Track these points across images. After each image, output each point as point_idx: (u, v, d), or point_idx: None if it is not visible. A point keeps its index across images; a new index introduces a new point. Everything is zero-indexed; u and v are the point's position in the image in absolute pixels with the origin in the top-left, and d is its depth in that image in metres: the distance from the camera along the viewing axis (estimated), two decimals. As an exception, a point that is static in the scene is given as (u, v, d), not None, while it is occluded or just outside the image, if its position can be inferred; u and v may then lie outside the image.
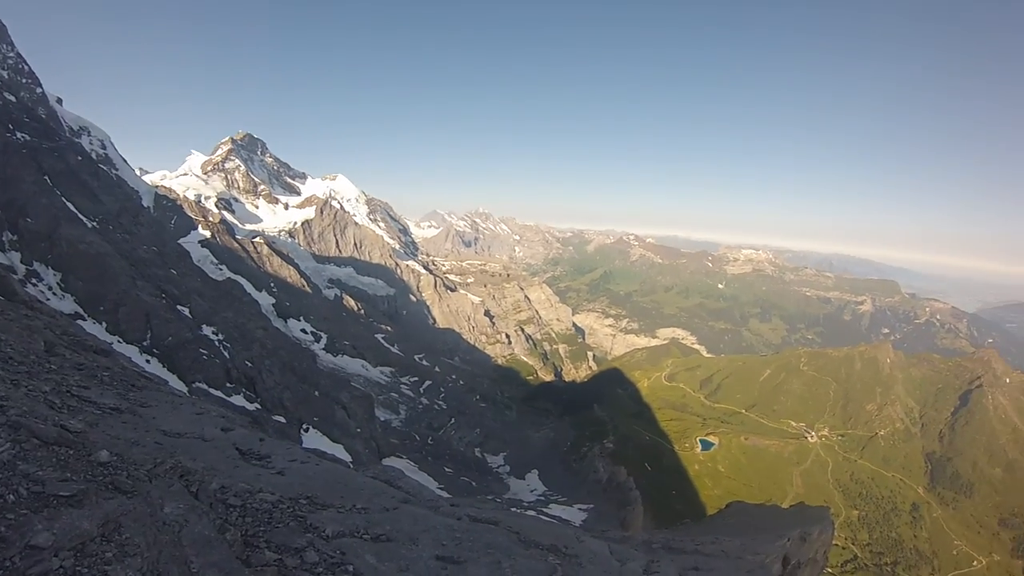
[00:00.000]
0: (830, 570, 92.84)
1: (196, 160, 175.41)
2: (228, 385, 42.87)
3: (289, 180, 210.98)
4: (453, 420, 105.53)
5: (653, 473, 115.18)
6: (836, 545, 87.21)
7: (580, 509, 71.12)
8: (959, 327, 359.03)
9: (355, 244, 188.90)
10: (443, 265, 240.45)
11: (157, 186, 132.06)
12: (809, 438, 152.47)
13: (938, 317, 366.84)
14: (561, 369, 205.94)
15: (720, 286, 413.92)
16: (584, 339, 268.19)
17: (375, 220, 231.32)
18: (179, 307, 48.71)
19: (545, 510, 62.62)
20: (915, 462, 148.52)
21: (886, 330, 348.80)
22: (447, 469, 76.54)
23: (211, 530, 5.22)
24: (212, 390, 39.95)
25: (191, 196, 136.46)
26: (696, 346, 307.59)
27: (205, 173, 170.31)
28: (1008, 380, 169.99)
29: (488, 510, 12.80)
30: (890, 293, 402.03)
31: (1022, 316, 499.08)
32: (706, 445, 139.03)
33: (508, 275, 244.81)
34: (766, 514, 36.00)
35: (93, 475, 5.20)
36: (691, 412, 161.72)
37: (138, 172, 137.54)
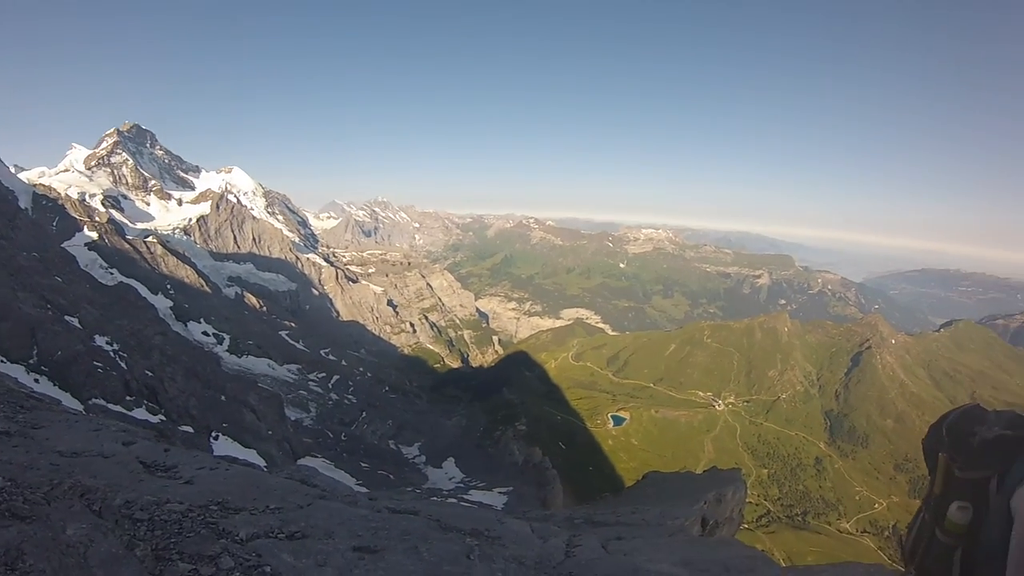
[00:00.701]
0: (747, 526, 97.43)
1: (78, 155, 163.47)
2: (128, 398, 40.23)
3: (182, 174, 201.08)
4: (364, 414, 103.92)
5: (568, 451, 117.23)
6: (750, 503, 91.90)
7: (500, 493, 71.41)
8: (848, 295, 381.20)
9: (254, 239, 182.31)
10: (344, 256, 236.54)
11: (35, 185, 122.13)
12: (717, 406, 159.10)
13: (829, 287, 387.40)
14: (468, 355, 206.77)
15: (622, 265, 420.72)
16: (489, 324, 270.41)
17: (273, 213, 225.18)
18: (67, 318, 45.31)
19: (466, 496, 62.59)
20: (815, 420, 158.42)
21: (783, 301, 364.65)
22: (363, 464, 75.52)
23: (119, 547, 5.04)
24: (111, 405, 37.40)
25: (74, 194, 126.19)
26: (601, 325, 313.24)
27: (89, 169, 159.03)
28: (893, 341, 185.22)
29: (407, 501, 12.80)
30: (785, 267, 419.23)
31: (903, 284, 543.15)
32: (618, 420, 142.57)
33: (409, 263, 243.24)
34: (681, 481, 37.22)
35: (-14, 505, 4.94)
36: (600, 389, 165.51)
37: (13, 170, 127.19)
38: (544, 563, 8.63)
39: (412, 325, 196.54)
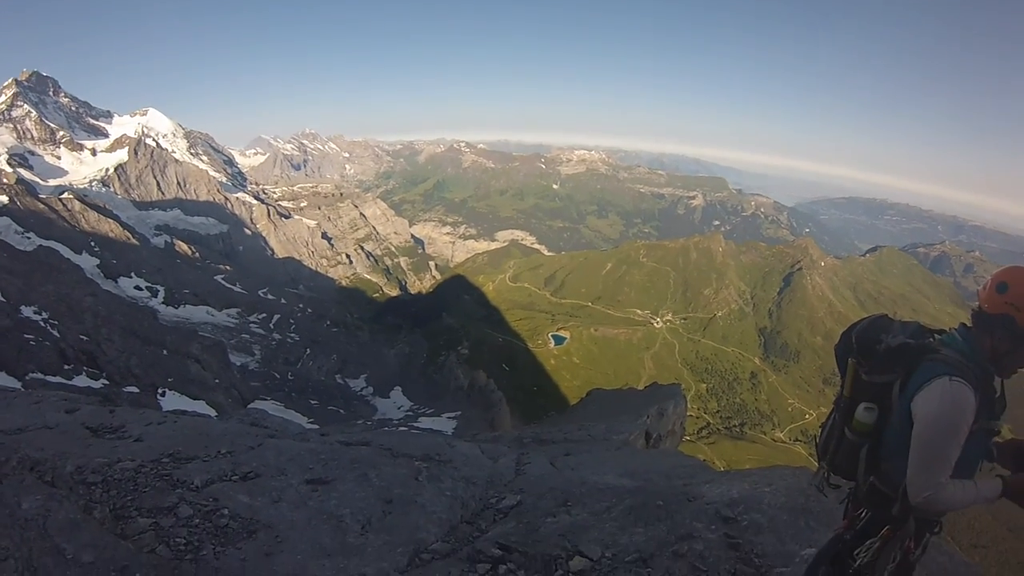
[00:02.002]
0: (688, 438, 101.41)
1: None
2: (66, 367, 38.76)
3: (92, 121, 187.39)
4: (308, 351, 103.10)
5: (512, 373, 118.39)
6: (691, 416, 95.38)
7: (448, 418, 72.51)
8: (780, 219, 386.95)
9: (179, 183, 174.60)
10: (274, 193, 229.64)
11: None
12: (655, 324, 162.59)
13: (762, 210, 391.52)
14: (405, 282, 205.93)
15: (555, 187, 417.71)
16: (425, 250, 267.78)
17: (197, 154, 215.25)
18: None
19: (415, 424, 63.50)
20: (750, 337, 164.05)
21: (717, 222, 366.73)
22: (312, 402, 75.50)
23: (77, 513, 5.09)
24: (49, 377, 35.97)
25: None
26: (536, 246, 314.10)
27: None
28: (823, 264, 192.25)
29: (357, 433, 13.04)
30: (719, 189, 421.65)
31: (832, 210, 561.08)
32: (558, 340, 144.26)
33: (341, 195, 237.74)
34: (624, 397, 38.42)
35: (-65, 496, 4.90)
36: (539, 310, 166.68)
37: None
38: (495, 481, 8.99)
39: (348, 256, 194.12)
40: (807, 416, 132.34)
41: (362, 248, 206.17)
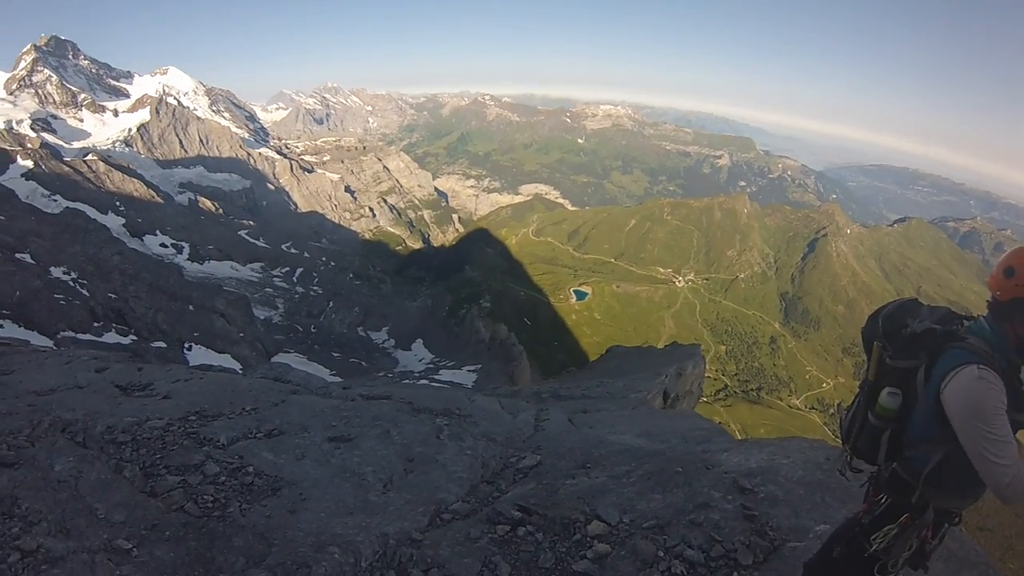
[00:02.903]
0: (705, 399, 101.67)
1: None
2: (96, 324, 39.73)
3: (113, 83, 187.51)
4: (331, 304, 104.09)
5: (533, 327, 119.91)
6: (709, 377, 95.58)
7: (469, 371, 73.06)
8: (807, 183, 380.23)
9: (201, 140, 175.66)
10: (297, 147, 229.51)
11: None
12: (677, 283, 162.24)
13: (789, 173, 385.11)
14: (428, 235, 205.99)
15: (580, 141, 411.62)
16: (448, 203, 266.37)
17: (218, 111, 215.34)
18: (18, 255, 43.71)
19: (436, 377, 64.05)
20: (771, 301, 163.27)
21: (743, 183, 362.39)
22: (335, 354, 76.52)
23: (107, 473, 5.24)
24: (80, 335, 36.94)
25: None
26: (560, 200, 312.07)
27: (11, 93, 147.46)
28: (849, 231, 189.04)
29: (380, 386, 13.24)
30: (746, 149, 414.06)
31: (861, 176, 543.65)
32: (580, 295, 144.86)
33: (364, 148, 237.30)
34: (644, 355, 38.39)
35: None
36: (561, 265, 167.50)
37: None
38: (513, 438, 9.10)
39: (371, 210, 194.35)
40: (824, 384, 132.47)
41: (385, 201, 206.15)
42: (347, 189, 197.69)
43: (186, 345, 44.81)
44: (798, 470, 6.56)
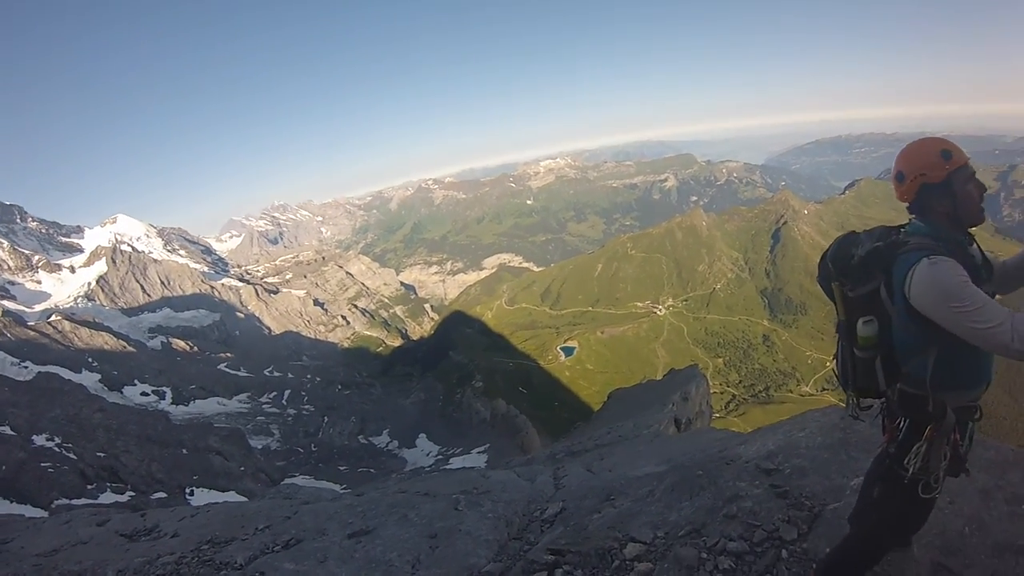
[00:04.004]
0: (718, 415, 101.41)
1: None
2: (89, 487, 38.40)
3: (64, 239, 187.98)
4: (326, 418, 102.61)
5: (530, 394, 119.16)
6: (715, 393, 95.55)
7: (478, 453, 72.40)
8: (754, 179, 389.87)
9: (162, 282, 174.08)
10: (258, 271, 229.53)
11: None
12: (658, 312, 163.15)
13: (735, 175, 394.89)
14: (406, 330, 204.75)
15: (529, 202, 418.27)
16: (417, 294, 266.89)
17: (174, 250, 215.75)
18: None
19: (447, 467, 63.33)
20: (753, 301, 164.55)
21: (694, 198, 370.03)
22: (341, 467, 75.14)
23: (125, 615, 5.09)
24: (74, 501, 35.58)
25: None
26: (524, 264, 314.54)
27: None
28: (806, 211, 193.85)
29: (392, 485, 12.98)
30: (688, 165, 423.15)
31: (802, 157, 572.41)
32: (568, 351, 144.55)
33: (323, 258, 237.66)
34: (645, 391, 38.33)
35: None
36: (542, 326, 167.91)
37: None
38: (537, 499, 8.94)
39: (344, 318, 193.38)
40: (828, 364, 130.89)
41: (356, 306, 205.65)
42: (316, 302, 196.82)
43: (187, 490, 43.60)
44: (817, 437, 6.58)
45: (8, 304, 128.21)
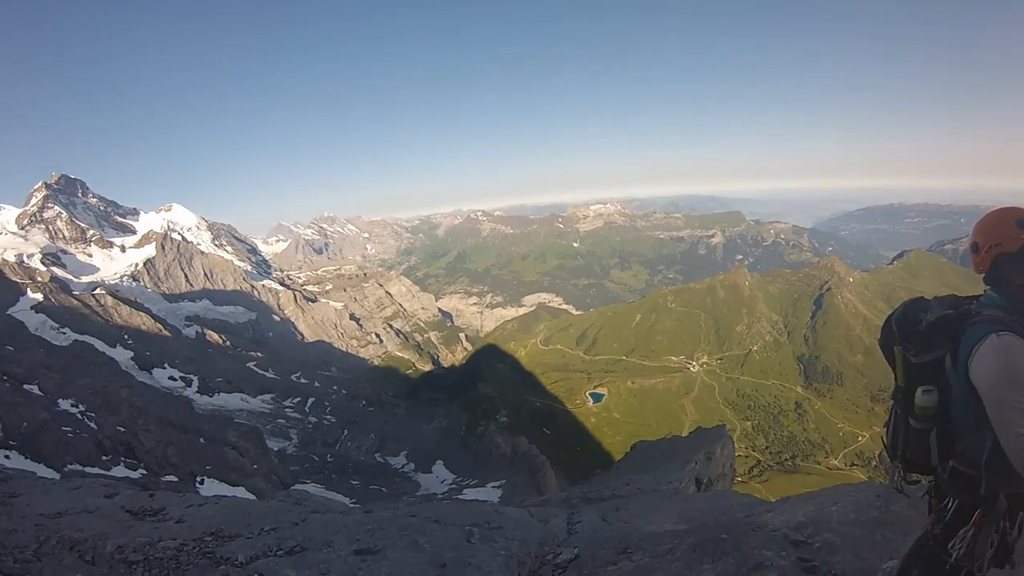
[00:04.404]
0: (740, 478, 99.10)
1: (8, 215, 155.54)
2: (104, 458, 38.88)
3: (120, 219, 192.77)
4: (346, 432, 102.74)
5: (553, 435, 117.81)
6: (739, 455, 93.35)
7: (493, 487, 71.65)
8: (801, 242, 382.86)
9: (205, 274, 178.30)
10: (299, 278, 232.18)
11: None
12: (691, 368, 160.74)
13: (782, 236, 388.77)
14: (438, 356, 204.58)
15: (575, 244, 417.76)
16: (453, 322, 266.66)
17: (221, 245, 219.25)
18: (26, 386, 43.93)
19: (460, 497, 62.66)
20: (789, 366, 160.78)
21: (739, 256, 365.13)
22: (354, 482, 74.78)
23: (117, 592, 4.98)
24: (87, 468, 36.00)
25: (11, 258, 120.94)
26: (564, 306, 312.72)
27: (22, 228, 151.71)
28: (851, 280, 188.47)
29: (403, 507, 12.82)
30: (736, 223, 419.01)
31: (852, 224, 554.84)
32: (596, 397, 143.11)
33: (365, 275, 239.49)
34: (669, 446, 37.78)
35: (-25, 572, 4.82)
36: (574, 370, 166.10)
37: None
38: (548, 541, 8.70)
39: (378, 335, 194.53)
40: (860, 438, 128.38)
41: (391, 326, 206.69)
42: (352, 317, 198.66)
43: (198, 478, 43.73)
44: (850, 513, 6.28)
45: (57, 271, 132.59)
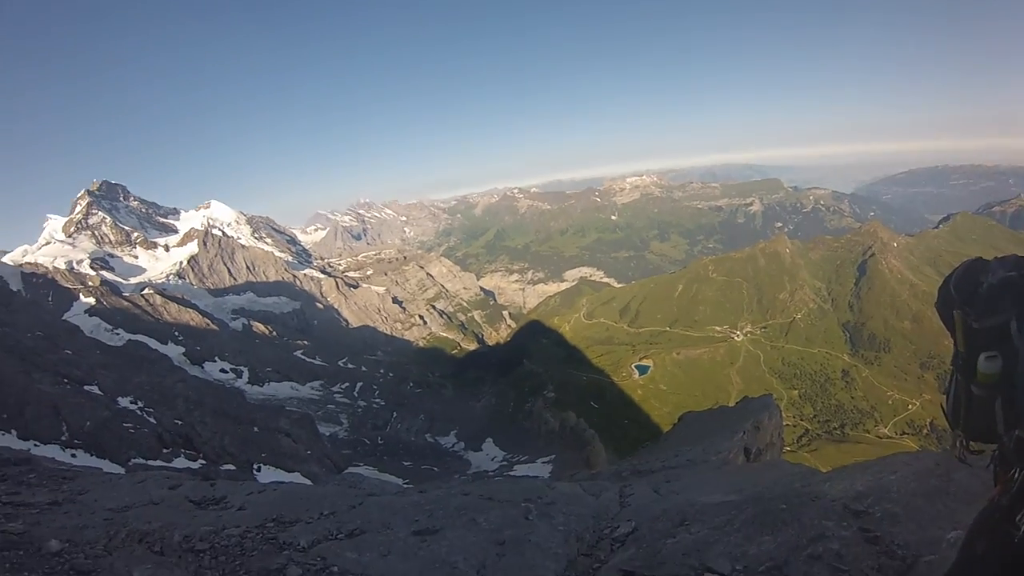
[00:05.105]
0: (788, 448, 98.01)
1: (55, 224, 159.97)
2: (165, 451, 40.23)
3: (161, 220, 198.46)
4: (395, 414, 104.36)
5: (601, 409, 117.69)
6: (787, 425, 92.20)
7: (544, 463, 72.27)
8: (842, 208, 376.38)
9: (248, 267, 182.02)
10: (339, 264, 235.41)
11: (21, 265, 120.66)
12: (735, 337, 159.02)
13: (822, 202, 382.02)
14: (482, 335, 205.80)
15: (613, 218, 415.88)
16: (496, 300, 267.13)
17: (261, 238, 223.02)
18: (86, 387, 45.26)
19: (511, 473, 63.33)
20: (834, 334, 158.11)
21: (779, 224, 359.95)
22: (405, 463, 75.98)
23: (187, 580, 5.14)
24: (150, 461, 37.22)
25: (61, 265, 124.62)
26: (605, 279, 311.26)
27: (69, 236, 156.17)
28: (896, 244, 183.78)
29: (455, 486, 12.97)
30: (775, 190, 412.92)
31: (894, 188, 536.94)
32: (642, 369, 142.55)
33: (405, 258, 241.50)
34: (717, 416, 37.42)
35: (50, 568, 4.99)
36: (618, 343, 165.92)
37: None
38: (603, 515, 8.73)
39: (421, 317, 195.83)
40: (910, 406, 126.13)
41: (434, 307, 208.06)
42: (395, 300, 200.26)
43: (255, 466, 44.91)
44: (910, 483, 6.13)
45: (106, 274, 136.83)
